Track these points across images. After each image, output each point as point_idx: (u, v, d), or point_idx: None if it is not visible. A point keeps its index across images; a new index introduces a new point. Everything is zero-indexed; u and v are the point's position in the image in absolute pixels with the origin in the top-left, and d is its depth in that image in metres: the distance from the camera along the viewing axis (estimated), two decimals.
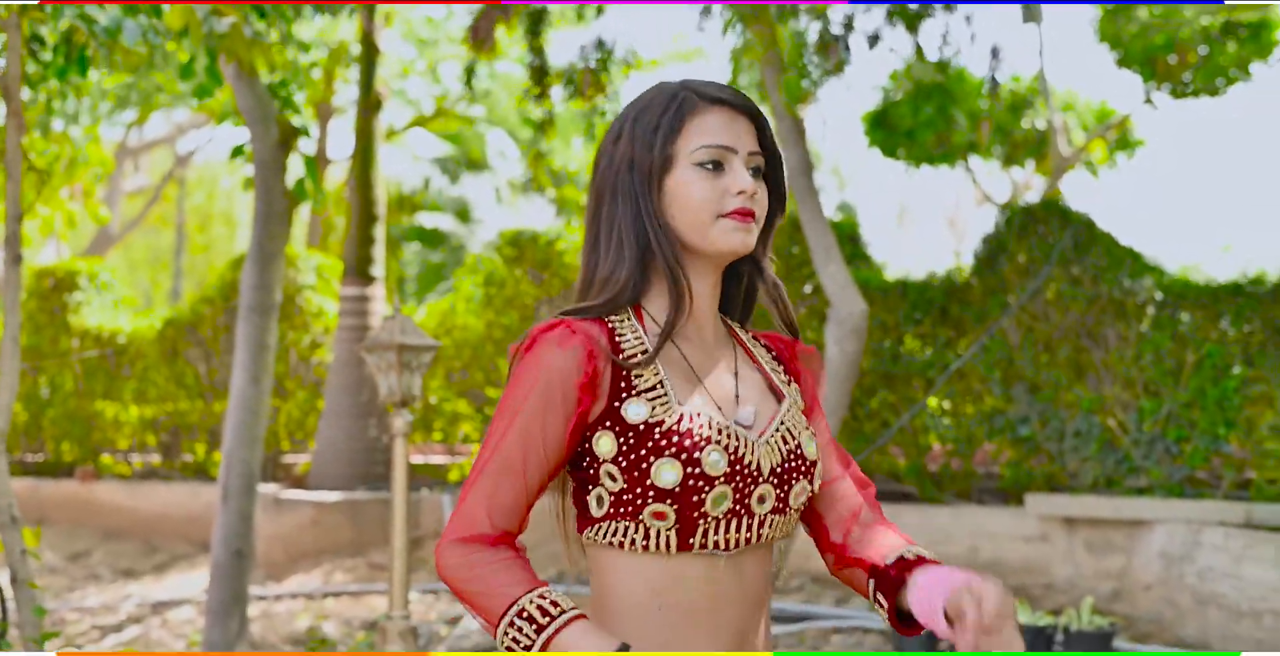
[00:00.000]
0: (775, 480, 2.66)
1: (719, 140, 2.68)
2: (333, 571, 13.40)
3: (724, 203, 2.67)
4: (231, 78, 9.62)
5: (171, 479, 16.38)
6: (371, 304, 14.91)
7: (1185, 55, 17.05)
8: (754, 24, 9.65)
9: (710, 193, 2.67)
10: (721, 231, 2.67)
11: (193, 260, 38.64)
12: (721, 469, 2.57)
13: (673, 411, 2.60)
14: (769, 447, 2.66)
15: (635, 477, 2.58)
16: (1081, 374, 11.90)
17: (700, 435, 2.58)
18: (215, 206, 40.21)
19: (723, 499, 2.57)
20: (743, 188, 2.67)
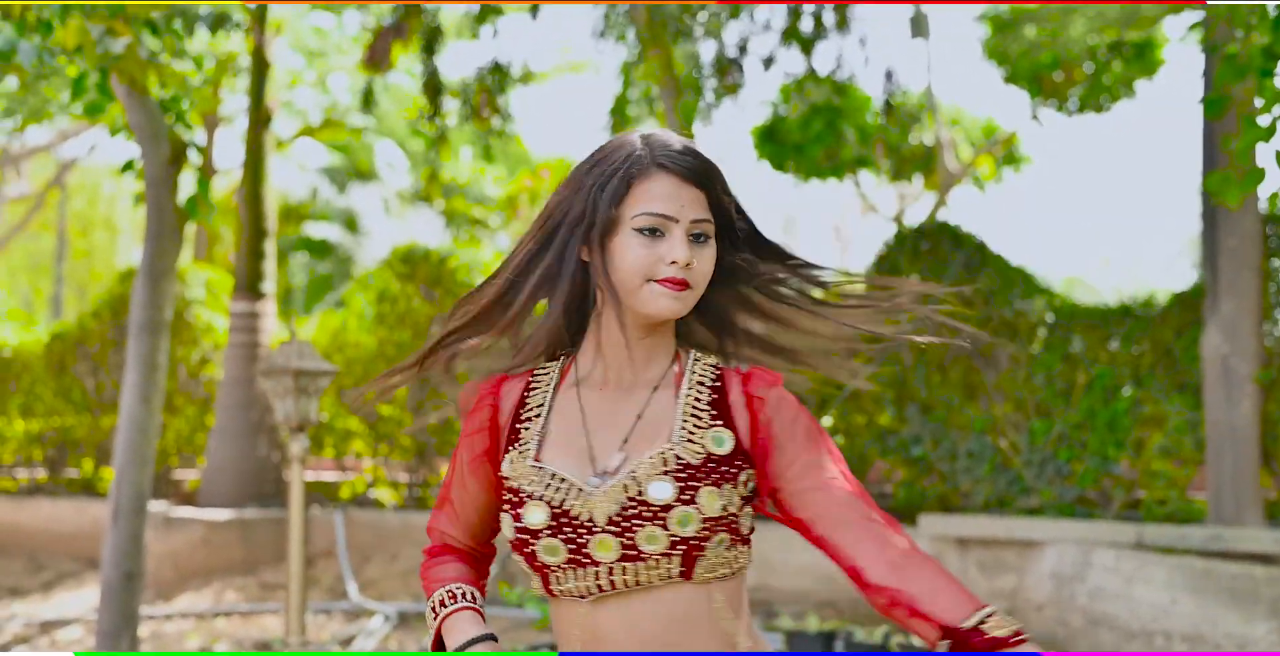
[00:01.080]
0: (615, 528, 2.70)
1: (659, 209, 2.74)
2: (223, 590, 13.27)
3: (655, 269, 2.73)
4: (123, 95, 9.49)
5: (57, 495, 16.18)
6: (262, 320, 14.80)
7: (1071, 73, 17.26)
8: (651, 47, 9.67)
9: (645, 259, 2.73)
10: (650, 295, 2.74)
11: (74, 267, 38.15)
12: (542, 522, 2.72)
13: (521, 465, 2.79)
14: (605, 497, 2.71)
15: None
16: (974, 394, 12.00)
17: (526, 491, 2.75)
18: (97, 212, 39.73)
19: (554, 550, 2.72)
20: (675, 258, 2.72)
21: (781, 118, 18.97)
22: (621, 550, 2.69)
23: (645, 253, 2.73)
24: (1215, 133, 10.27)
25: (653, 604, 2.73)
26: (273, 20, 16.31)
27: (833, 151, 19.08)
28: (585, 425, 2.80)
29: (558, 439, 2.79)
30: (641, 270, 2.73)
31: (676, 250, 2.73)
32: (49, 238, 38.17)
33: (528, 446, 2.79)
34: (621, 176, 2.76)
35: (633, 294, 2.74)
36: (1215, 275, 10.68)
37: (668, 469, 2.73)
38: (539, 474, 2.75)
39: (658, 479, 2.72)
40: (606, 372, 2.85)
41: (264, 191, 15.26)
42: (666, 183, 2.77)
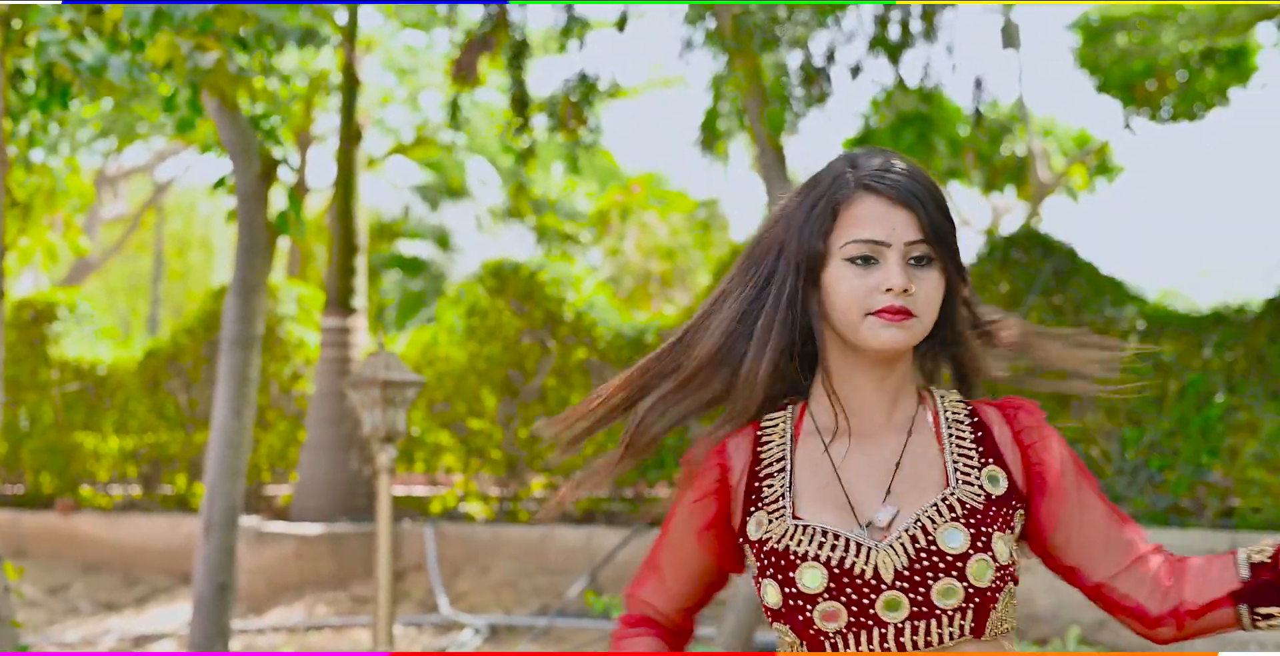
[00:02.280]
0: (905, 584, 2.51)
1: (868, 235, 2.57)
2: (315, 604, 13.34)
3: (872, 300, 2.55)
4: (213, 111, 9.58)
5: (151, 511, 16.32)
6: (353, 335, 14.87)
7: (1164, 81, 17.12)
8: (738, 56, 9.65)
9: (859, 291, 2.56)
10: (870, 329, 2.55)
11: (170, 287, 38.52)
12: (820, 585, 2.51)
13: (780, 526, 2.57)
14: (891, 551, 2.53)
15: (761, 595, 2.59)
16: (1065, 404, 11.90)
17: (797, 552, 2.53)
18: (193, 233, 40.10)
19: (835, 614, 2.51)
20: (891, 285, 2.54)
21: (872, 129, 18.93)
22: (911, 607, 2.51)
23: (859, 283, 2.56)
24: None
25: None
26: (363, 38, 16.43)
27: (924, 163, 18.99)
28: (839, 476, 2.61)
29: (810, 494, 2.60)
30: (857, 303, 2.55)
31: (893, 277, 2.54)
32: (146, 259, 38.55)
33: (780, 505, 2.59)
34: (826, 203, 2.60)
35: (854, 329, 2.56)
36: None
37: (956, 515, 2.56)
38: (806, 532, 2.54)
39: (950, 526, 2.55)
40: (848, 419, 2.65)
41: (355, 208, 15.35)
42: (875, 206, 2.59)
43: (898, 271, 2.53)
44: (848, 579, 2.50)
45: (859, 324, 2.55)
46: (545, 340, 13.97)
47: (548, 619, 11.78)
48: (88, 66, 7.23)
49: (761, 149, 10.00)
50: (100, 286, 37.74)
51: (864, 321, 2.54)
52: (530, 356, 14.05)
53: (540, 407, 13.96)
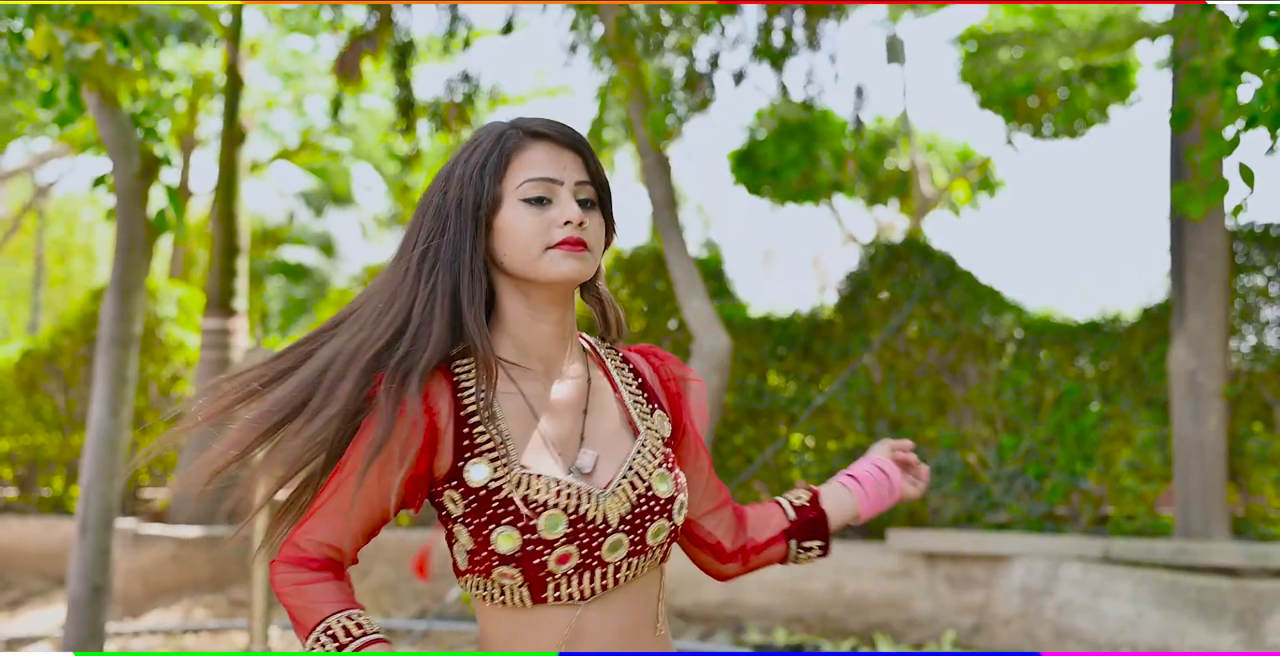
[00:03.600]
0: (627, 527, 2.68)
1: (543, 173, 2.70)
2: (192, 607, 13.22)
3: (551, 234, 2.68)
4: (94, 107, 9.50)
5: (27, 513, 16.10)
6: (233, 337, 14.76)
7: (1045, 98, 17.32)
8: (621, 60, 9.69)
9: (537, 227, 2.67)
10: (551, 262, 2.67)
11: (51, 293, 38.08)
12: (561, 531, 2.61)
13: (512, 474, 2.62)
14: (616, 498, 2.68)
15: (480, 541, 2.61)
16: (943, 410, 12.02)
17: (537, 500, 2.61)
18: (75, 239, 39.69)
19: (567, 557, 2.62)
20: (569, 218, 2.68)
21: (757, 141, 19.04)
22: (630, 546, 2.68)
23: (536, 220, 2.68)
24: (1182, 147, 10.33)
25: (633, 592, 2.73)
26: (247, 41, 16.32)
27: (808, 175, 19.13)
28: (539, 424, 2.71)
29: (520, 440, 2.68)
30: (537, 238, 2.67)
31: (567, 210, 2.69)
32: (26, 264, 38.13)
33: (500, 454, 2.64)
34: (499, 153, 2.72)
35: (533, 264, 2.67)
36: (1182, 291, 10.71)
37: (659, 462, 2.77)
38: (541, 481, 2.63)
39: (659, 473, 2.75)
40: (534, 360, 2.77)
41: (237, 209, 15.24)
42: (544, 148, 2.74)
43: (572, 205, 2.69)
44: (582, 524, 2.63)
45: (539, 258, 2.67)
46: None
47: (426, 622, 11.73)
48: None
49: (644, 153, 10.05)
50: None
51: (544, 255, 2.67)
52: None
53: None
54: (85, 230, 39.76)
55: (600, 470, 2.72)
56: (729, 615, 11.79)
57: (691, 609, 11.98)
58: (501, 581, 2.63)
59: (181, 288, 16.62)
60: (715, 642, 11.15)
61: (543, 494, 2.62)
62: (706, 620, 11.88)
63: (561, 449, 2.71)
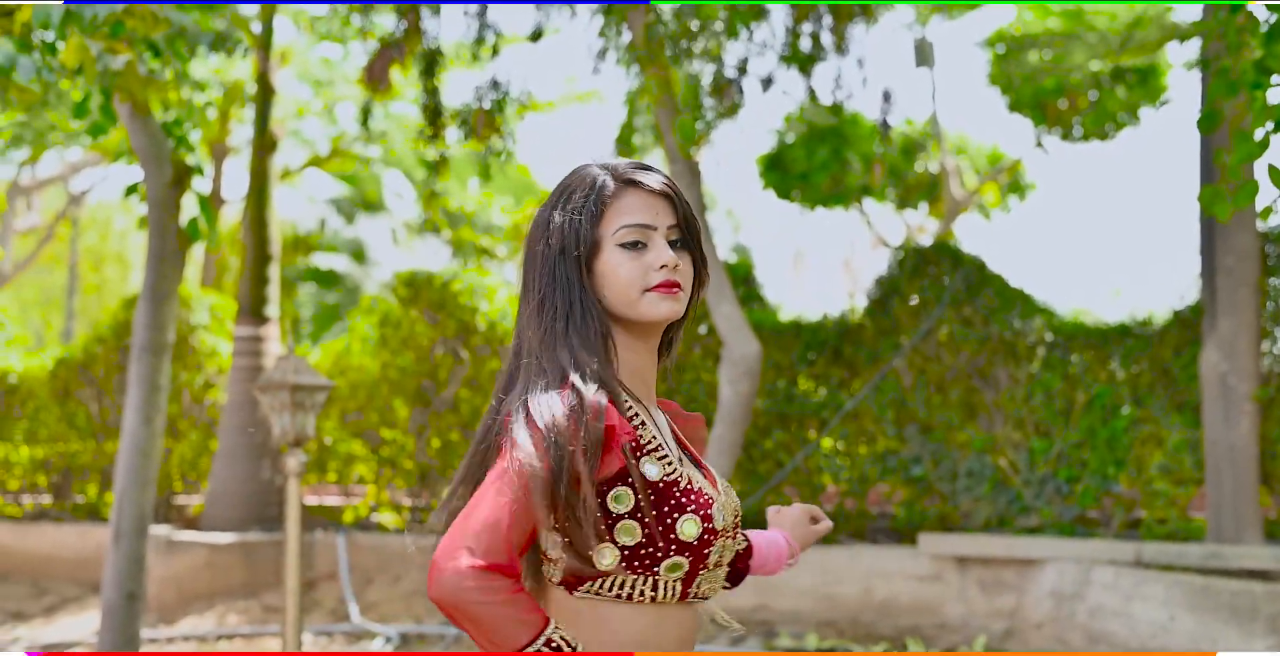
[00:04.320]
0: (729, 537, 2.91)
1: (638, 219, 2.90)
2: (226, 613, 13.27)
3: (648, 277, 2.88)
4: (125, 117, 9.56)
5: (62, 520, 16.18)
6: (266, 344, 14.81)
7: (1075, 100, 17.27)
8: (650, 66, 9.71)
9: (635, 271, 2.87)
10: (649, 304, 2.88)
11: (85, 301, 38.23)
12: (722, 523, 2.85)
13: (680, 471, 2.84)
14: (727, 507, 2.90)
15: (659, 532, 2.77)
16: (973, 414, 12.01)
17: (707, 493, 2.84)
18: (108, 247, 39.83)
19: (723, 550, 2.87)
20: (664, 262, 2.87)
21: (787, 146, 19.03)
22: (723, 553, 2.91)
23: (633, 265, 2.87)
24: (1211, 149, 10.30)
25: (695, 607, 2.92)
26: (278, 49, 16.37)
27: (838, 179, 19.12)
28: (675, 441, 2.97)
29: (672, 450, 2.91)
30: (636, 281, 2.87)
31: (662, 254, 2.88)
32: (60, 272, 38.29)
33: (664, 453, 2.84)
34: (595, 200, 2.90)
35: (633, 305, 2.88)
36: (1213, 294, 10.69)
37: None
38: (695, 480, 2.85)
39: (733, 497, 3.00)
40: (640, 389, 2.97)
41: (268, 216, 15.30)
42: (638, 196, 2.92)
43: (666, 249, 2.90)
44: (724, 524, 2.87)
45: (638, 300, 2.88)
46: (458, 350, 13.96)
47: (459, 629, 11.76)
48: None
49: (673, 159, 10.07)
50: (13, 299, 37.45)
51: (642, 298, 2.88)
52: (443, 366, 14.04)
53: (453, 417, 13.95)
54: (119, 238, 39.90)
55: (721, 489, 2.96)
56: (760, 619, 11.80)
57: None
58: (667, 574, 2.78)
59: (214, 295, 16.68)
60: (746, 647, 11.16)
61: (709, 489, 2.86)
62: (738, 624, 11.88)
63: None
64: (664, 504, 2.77)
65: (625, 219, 2.89)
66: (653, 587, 2.79)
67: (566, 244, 2.89)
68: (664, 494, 2.78)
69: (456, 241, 25.81)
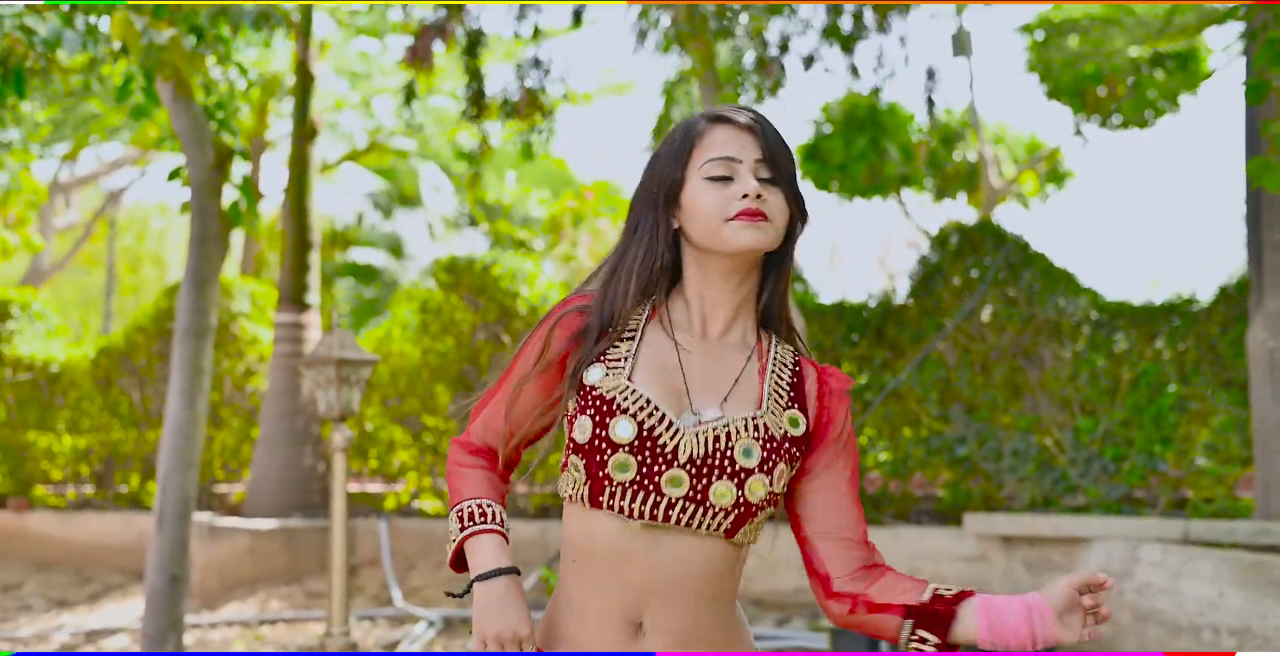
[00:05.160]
0: (693, 469, 2.83)
1: (723, 152, 2.92)
2: (268, 599, 13.29)
3: (730, 207, 2.88)
4: (168, 100, 9.58)
5: (105, 509, 16.23)
6: (307, 331, 14.83)
7: (1114, 86, 17.16)
8: (691, 43, 9.70)
9: (718, 200, 2.89)
10: (732, 232, 2.88)
11: (122, 302, 38.39)
12: (627, 438, 2.82)
13: (615, 380, 2.88)
14: (693, 438, 2.84)
15: (568, 431, 2.90)
16: (1018, 394, 11.96)
17: (620, 405, 2.85)
18: (145, 248, 40.01)
19: (625, 467, 2.82)
20: (747, 191, 2.87)
21: (824, 136, 19.00)
22: (689, 491, 2.82)
23: (717, 195, 2.90)
24: (1258, 120, 10.21)
25: (688, 544, 2.86)
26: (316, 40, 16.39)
27: (876, 169, 19.09)
28: (682, 368, 2.93)
29: (649, 369, 2.91)
30: (718, 211, 2.88)
31: (747, 184, 2.89)
32: (98, 272, 38.45)
33: (619, 365, 2.90)
34: (682, 140, 2.97)
35: (715, 235, 2.90)
36: (1260, 270, 10.59)
37: (758, 436, 2.88)
38: (634, 394, 2.85)
39: (750, 442, 2.87)
40: (698, 324, 3.00)
41: (308, 204, 15.31)
42: (725, 131, 2.96)
43: (751, 179, 2.91)
44: (650, 443, 2.83)
45: (720, 229, 2.90)
46: (499, 335, 13.95)
47: None
48: (42, 40, 7.23)
49: None
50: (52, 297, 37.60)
51: (725, 226, 2.89)
52: (484, 351, 14.03)
53: None
54: (156, 238, 40.09)
55: (707, 416, 2.89)
56: (804, 601, 11.77)
57: (767, 595, 11.97)
58: (573, 474, 2.88)
59: (255, 283, 16.72)
60: (792, 628, 11.14)
61: (628, 402, 2.84)
62: (783, 606, 11.86)
63: (696, 399, 2.91)
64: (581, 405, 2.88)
65: (711, 153, 2.92)
66: (571, 485, 2.90)
67: (654, 183, 2.99)
68: (585, 396, 2.88)
69: (494, 234, 25.84)
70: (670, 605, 2.86)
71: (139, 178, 30.87)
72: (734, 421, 2.87)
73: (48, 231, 28.71)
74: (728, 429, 2.85)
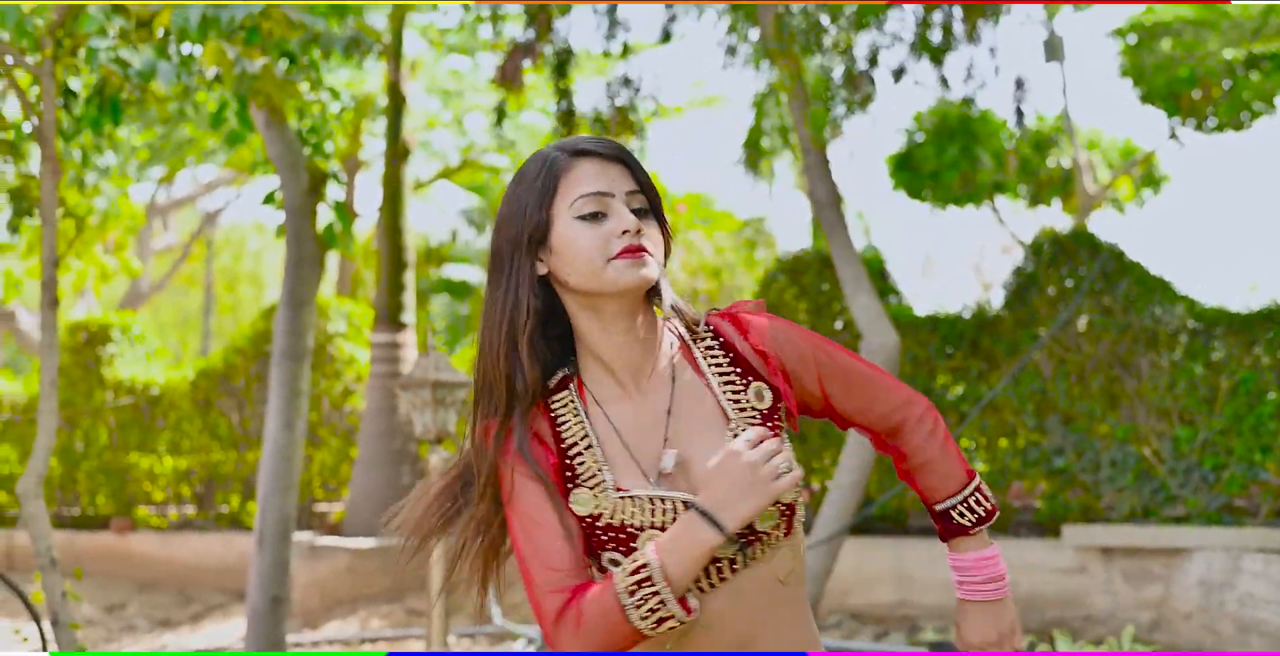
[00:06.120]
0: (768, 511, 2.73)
1: (594, 187, 2.73)
2: (369, 618, 13.38)
3: (610, 246, 2.71)
4: (262, 125, 9.68)
5: (206, 529, 16.40)
6: (403, 350, 14.92)
7: (1209, 89, 17.00)
8: (780, 58, 9.69)
9: (596, 240, 2.71)
10: (617, 272, 2.70)
11: (221, 321, 38.76)
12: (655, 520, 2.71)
13: (606, 501, 2.72)
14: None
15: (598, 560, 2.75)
16: (1115, 404, 11.87)
17: (633, 524, 2.71)
18: (242, 268, 40.37)
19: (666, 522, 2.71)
20: (626, 227, 2.71)
21: (916, 145, 18.92)
22: (739, 540, 2.72)
23: (593, 234, 2.71)
24: None
25: (757, 572, 2.77)
26: (407, 60, 16.51)
27: (969, 177, 18.99)
28: (624, 441, 2.77)
29: (619, 464, 2.77)
30: (598, 252, 2.70)
31: (624, 220, 2.72)
32: (196, 293, 38.83)
33: (598, 479, 2.74)
34: (545, 177, 2.75)
35: (598, 277, 2.71)
36: None
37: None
38: (636, 503, 2.72)
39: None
40: (619, 380, 2.82)
41: (403, 224, 15.42)
42: (590, 164, 2.77)
43: (627, 214, 2.72)
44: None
45: (602, 271, 2.70)
46: None
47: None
48: (136, 72, 7.32)
49: (805, 150, 10.03)
50: (151, 319, 37.99)
51: (607, 267, 2.70)
52: None
53: None
54: (253, 258, 40.44)
55: (696, 468, 2.74)
56: (903, 615, 11.74)
57: (865, 609, 11.94)
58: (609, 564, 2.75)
59: (351, 304, 16.84)
60: (890, 642, 11.10)
61: (637, 517, 2.71)
62: (880, 620, 11.83)
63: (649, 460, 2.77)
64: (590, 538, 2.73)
65: (580, 188, 2.73)
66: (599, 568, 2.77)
67: (519, 229, 2.75)
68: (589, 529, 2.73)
69: None
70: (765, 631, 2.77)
71: (235, 199, 31.15)
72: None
73: (146, 254, 29.02)
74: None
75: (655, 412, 2.79)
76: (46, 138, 7.01)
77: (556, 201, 2.73)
